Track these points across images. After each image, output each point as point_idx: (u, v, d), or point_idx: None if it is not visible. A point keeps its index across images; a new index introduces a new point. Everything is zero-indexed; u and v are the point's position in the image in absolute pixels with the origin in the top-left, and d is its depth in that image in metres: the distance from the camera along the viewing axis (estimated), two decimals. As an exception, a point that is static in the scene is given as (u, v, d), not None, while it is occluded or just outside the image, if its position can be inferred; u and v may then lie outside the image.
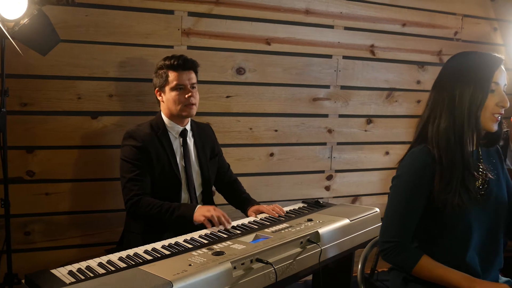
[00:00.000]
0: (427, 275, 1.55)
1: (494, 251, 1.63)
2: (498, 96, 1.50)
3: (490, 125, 1.53)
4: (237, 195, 2.49)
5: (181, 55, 2.26)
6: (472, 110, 1.49)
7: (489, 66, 1.51)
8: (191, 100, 2.23)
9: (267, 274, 1.66)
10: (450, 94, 1.52)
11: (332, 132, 3.22)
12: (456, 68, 1.56)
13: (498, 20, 3.74)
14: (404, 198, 1.57)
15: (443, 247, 1.57)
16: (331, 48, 3.16)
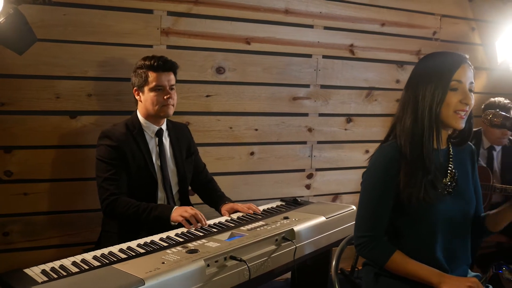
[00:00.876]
0: (399, 269, 1.58)
1: (462, 247, 1.66)
2: (461, 93, 1.53)
3: (454, 122, 1.55)
4: (212, 194, 2.51)
5: (162, 56, 2.27)
6: (433, 107, 1.52)
7: (451, 65, 1.54)
8: (169, 101, 2.25)
9: (241, 271, 1.68)
10: (415, 92, 1.56)
11: (312, 131, 3.25)
12: (422, 68, 1.60)
13: (476, 20, 3.80)
14: (374, 192, 1.60)
15: (411, 243, 1.61)
16: (311, 48, 3.19)
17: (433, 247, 1.60)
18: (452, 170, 1.64)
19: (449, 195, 1.61)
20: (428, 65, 1.58)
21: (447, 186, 1.62)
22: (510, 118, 1.44)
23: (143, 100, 2.26)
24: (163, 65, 2.24)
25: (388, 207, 1.60)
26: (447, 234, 1.61)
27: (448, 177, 1.63)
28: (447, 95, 1.52)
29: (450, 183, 1.62)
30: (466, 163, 1.71)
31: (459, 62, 1.54)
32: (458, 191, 1.63)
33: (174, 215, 2.06)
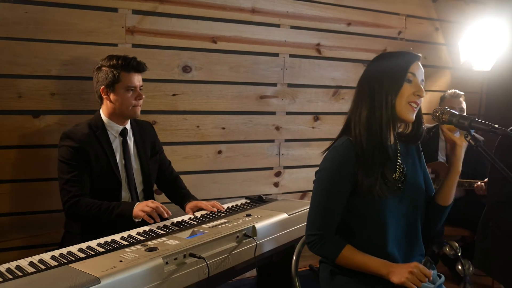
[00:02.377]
0: (349, 263, 1.62)
1: (414, 241, 1.71)
2: (415, 86, 1.58)
3: (406, 114, 1.59)
4: (177, 192, 2.52)
5: (133, 57, 2.27)
6: (389, 98, 1.56)
7: (406, 59, 1.60)
8: (139, 102, 2.27)
9: (200, 268, 1.69)
10: (371, 86, 1.60)
11: (279, 129, 3.28)
12: (378, 64, 1.64)
13: (439, 21, 3.89)
14: (326, 191, 1.63)
15: (363, 239, 1.64)
16: (278, 47, 3.21)
17: (386, 242, 1.63)
18: (401, 165, 1.68)
19: (399, 190, 1.65)
20: (384, 60, 1.63)
21: (397, 181, 1.65)
22: (457, 115, 1.49)
23: (113, 100, 2.25)
24: (137, 66, 2.25)
25: (339, 206, 1.63)
26: (399, 228, 1.65)
27: (397, 172, 1.66)
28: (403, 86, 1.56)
29: (399, 179, 1.66)
30: (414, 156, 1.76)
31: (414, 59, 1.61)
32: (407, 185, 1.67)
33: (135, 211, 2.06)
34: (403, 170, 1.68)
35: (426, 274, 1.51)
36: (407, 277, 1.50)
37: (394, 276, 1.53)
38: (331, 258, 1.65)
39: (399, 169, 1.68)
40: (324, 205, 1.64)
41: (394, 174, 1.66)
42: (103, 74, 2.24)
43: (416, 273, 1.50)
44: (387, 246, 1.63)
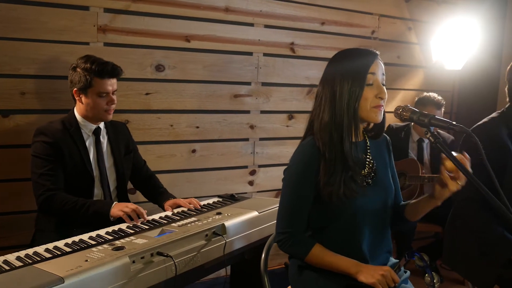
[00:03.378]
0: (319, 262, 1.63)
1: (382, 237, 1.73)
2: (376, 88, 1.58)
3: (372, 117, 1.60)
4: (154, 190, 2.53)
5: (108, 63, 2.25)
6: (351, 103, 1.56)
7: (365, 61, 1.58)
8: (111, 107, 2.27)
9: (168, 267, 1.69)
10: (332, 89, 1.59)
11: (254, 128, 3.29)
12: (337, 65, 1.63)
13: (412, 20, 3.94)
14: (294, 189, 1.64)
15: (333, 236, 1.65)
16: (252, 46, 3.22)
17: (356, 239, 1.65)
18: (371, 161, 1.70)
19: (368, 186, 1.67)
20: (343, 62, 1.62)
21: (366, 177, 1.67)
22: (417, 112, 1.51)
23: (85, 103, 2.25)
24: (110, 72, 2.24)
25: (308, 204, 1.64)
26: (368, 224, 1.67)
27: (367, 168, 1.68)
28: (364, 90, 1.57)
29: (368, 174, 1.68)
30: (383, 154, 1.77)
31: (373, 58, 1.60)
32: (377, 181, 1.69)
33: (114, 210, 2.07)
34: (373, 166, 1.71)
35: (395, 280, 1.54)
36: (378, 279, 1.52)
37: (362, 275, 1.55)
38: (300, 257, 1.66)
39: (369, 165, 1.70)
40: (292, 203, 1.65)
41: (363, 170, 1.68)
42: (77, 76, 2.23)
43: (387, 277, 1.53)
44: (357, 242, 1.65)
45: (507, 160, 2.06)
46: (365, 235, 1.66)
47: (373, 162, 1.71)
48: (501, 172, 2.06)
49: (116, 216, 2.06)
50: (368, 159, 1.70)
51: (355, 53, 1.64)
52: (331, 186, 1.57)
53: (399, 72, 3.95)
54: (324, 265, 1.63)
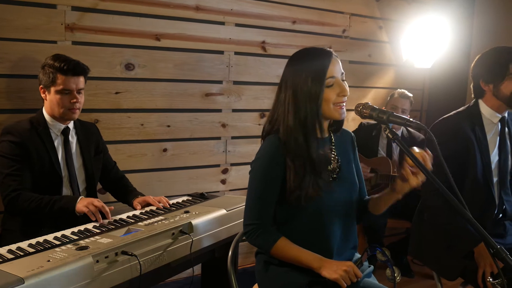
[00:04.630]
0: (283, 255, 1.65)
1: (348, 231, 1.75)
2: (338, 87, 1.60)
3: (336, 115, 1.63)
4: (124, 190, 2.51)
5: (73, 60, 2.23)
6: (313, 106, 1.59)
7: (322, 63, 1.60)
8: (75, 105, 2.23)
9: (133, 266, 1.69)
10: (293, 92, 1.61)
11: (226, 127, 3.29)
12: (295, 67, 1.64)
13: (383, 19, 3.99)
14: (260, 181, 1.66)
15: (299, 230, 1.67)
16: (223, 44, 3.22)
17: (322, 233, 1.67)
18: (336, 157, 1.72)
19: (334, 181, 1.69)
20: (301, 65, 1.62)
21: (332, 172, 1.70)
22: (376, 109, 1.54)
23: (49, 101, 2.23)
24: (73, 69, 2.21)
25: (274, 196, 1.65)
26: (334, 219, 1.69)
27: (332, 163, 1.71)
28: (324, 92, 1.59)
29: (334, 170, 1.71)
30: (348, 149, 1.80)
31: (329, 58, 1.61)
32: (341, 176, 1.72)
33: (79, 206, 2.06)
34: (338, 161, 1.73)
35: (357, 275, 1.56)
36: (341, 274, 1.54)
37: (325, 270, 1.57)
38: (265, 249, 1.68)
39: (334, 160, 1.72)
40: (258, 195, 1.66)
41: (329, 165, 1.70)
42: (43, 73, 2.22)
43: (350, 272, 1.55)
44: (324, 235, 1.67)
45: (470, 153, 2.11)
46: (331, 230, 1.68)
47: (338, 158, 1.73)
48: (465, 164, 2.12)
49: (81, 211, 2.05)
50: (333, 154, 1.72)
51: (311, 55, 1.64)
52: (300, 191, 1.60)
53: (370, 71, 3.99)
54: (288, 259, 1.64)
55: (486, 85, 2.17)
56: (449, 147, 2.08)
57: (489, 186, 2.13)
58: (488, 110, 2.19)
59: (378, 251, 1.57)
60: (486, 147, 2.15)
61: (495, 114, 2.18)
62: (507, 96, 2.11)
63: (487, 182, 2.13)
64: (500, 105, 2.16)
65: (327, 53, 1.63)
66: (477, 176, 2.12)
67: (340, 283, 1.54)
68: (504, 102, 2.14)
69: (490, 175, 2.14)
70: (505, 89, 2.11)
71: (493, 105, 2.17)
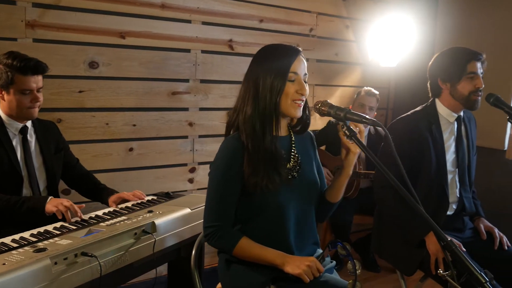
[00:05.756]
0: (246, 255, 1.65)
1: (308, 229, 1.77)
2: (298, 84, 1.62)
3: (292, 111, 1.64)
4: (93, 187, 2.47)
5: (32, 59, 2.16)
6: (272, 97, 1.60)
7: (287, 58, 1.62)
8: (35, 104, 2.19)
9: (94, 267, 1.66)
10: (255, 84, 1.62)
11: (193, 125, 3.27)
12: (261, 61, 1.66)
13: (349, 19, 4.04)
14: (219, 183, 1.66)
15: (259, 229, 1.68)
16: (189, 43, 3.20)
17: (282, 231, 1.68)
18: (296, 155, 1.74)
19: (294, 179, 1.71)
20: (266, 58, 1.64)
21: (291, 170, 1.71)
22: (334, 107, 1.56)
23: (7, 101, 2.17)
24: (34, 69, 2.15)
25: (234, 197, 1.66)
26: (294, 217, 1.70)
27: (292, 162, 1.72)
28: (285, 85, 1.61)
29: (294, 168, 1.72)
30: (308, 148, 1.82)
31: (295, 55, 1.63)
32: (302, 175, 1.73)
33: (49, 206, 2.03)
34: (298, 160, 1.74)
35: (320, 270, 1.59)
36: (303, 269, 1.55)
37: (288, 266, 1.58)
38: (227, 250, 1.68)
39: (294, 159, 1.73)
40: (218, 197, 1.66)
41: (288, 164, 1.71)
42: None
43: (312, 267, 1.57)
44: (283, 234, 1.68)
45: (424, 152, 2.16)
46: (290, 227, 1.70)
47: (298, 156, 1.74)
48: (420, 162, 2.16)
49: (50, 212, 2.02)
50: (293, 153, 1.74)
51: (278, 49, 1.66)
52: (255, 177, 1.60)
53: (337, 69, 4.04)
54: (251, 258, 1.65)
55: (444, 84, 2.21)
56: (405, 145, 2.13)
57: (443, 184, 2.18)
58: (445, 110, 2.24)
59: (339, 245, 1.59)
60: (442, 146, 2.19)
61: (451, 113, 2.23)
62: (464, 96, 2.16)
63: (441, 180, 2.18)
64: (457, 105, 2.21)
65: (294, 50, 1.65)
66: (431, 174, 2.17)
67: (303, 278, 1.55)
68: (461, 102, 2.19)
69: (444, 173, 2.19)
70: (462, 89, 2.16)
71: (449, 104, 2.22)
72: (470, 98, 2.16)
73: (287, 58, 1.62)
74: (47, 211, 2.03)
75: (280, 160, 1.65)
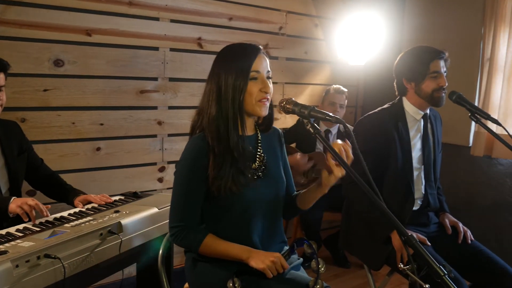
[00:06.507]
0: (212, 252, 1.65)
1: (274, 228, 1.78)
2: (261, 83, 1.62)
3: (257, 111, 1.64)
4: (59, 188, 2.42)
5: None
6: (235, 97, 1.60)
7: (248, 57, 1.61)
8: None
9: (57, 269, 1.63)
10: (218, 84, 1.62)
11: (162, 124, 3.24)
12: (222, 60, 1.66)
13: (318, 17, 4.07)
14: (184, 182, 1.65)
15: (226, 229, 1.68)
16: (158, 40, 3.17)
17: (248, 231, 1.69)
18: (261, 155, 1.74)
19: (259, 179, 1.70)
20: (227, 58, 1.64)
21: (257, 170, 1.71)
22: (299, 105, 1.56)
23: None
24: None
25: (199, 196, 1.65)
26: (260, 217, 1.71)
27: (257, 161, 1.72)
28: (248, 85, 1.60)
29: (259, 167, 1.72)
30: (275, 147, 1.82)
31: (256, 53, 1.63)
32: (267, 174, 1.73)
33: (12, 206, 1.97)
34: (263, 159, 1.74)
35: (284, 266, 1.59)
36: (267, 265, 1.56)
37: (253, 261, 1.58)
38: (193, 248, 1.67)
39: (259, 158, 1.73)
40: (183, 197, 1.66)
41: (254, 163, 1.71)
42: None
43: (276, 263, 1.57)
44: (250, 233, 1.68)
45: (391, 149, 2.19)
46: (256, 227, 1.70)
47: (264, 156, 1.74)
48: (386, 159, 2.20)
49: (14, 212, 1.96)
50: (259, 152, 1.74)
51: (238, 48, 1.66)
52: (220, 180, 1.60)
53: (307, 67, 4.06)
54: (217, 254, 1.65)
55: (408, 83, 2.25)
56: (371, 142, 2.16)
57: (409, 181, 2.22)
58: (411, 107, 2.28)
59: (306, 244, 1.60)
60: (408, 143, 2.23)
61: (418, 111, 2.27)
62: (428, 94, 2.20)
63: (406, 176, 2.22)
64: (423, 103, 2.25)
65: (254, 48, 1.65)
66: (397, 170, 2.21)
67: (266, 273, 1.56)
68: (426, 100, 2.23)
69: (410, 170, 2.23)
70: (426, 87, 2.20)
71: (415, 103, 2.27)
72: (434, 96, 2.20)
73: (248, 57, 1.61)
74: (10, 211, 1.97)
75: (245, 161, 1.65)
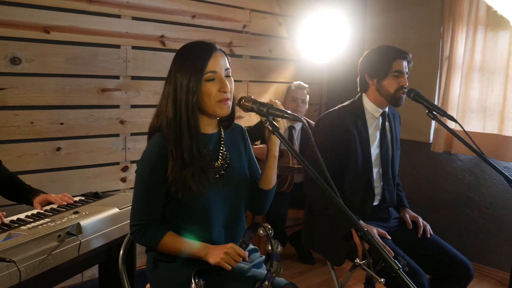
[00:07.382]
0: (171, 249, 1.64)
1: (238, 224, 1.78)
2: (219, 82, 1.60)
3: (218, 111, 1.62)
4: (17, 189, 2.34)
5: None
6: (189, 98, 1.57)
7: (202, 57, 1.59)
8: None
9: (12, 273, 1.58)
10: (174, 85, 1.61)
11: (124, 123, 3.20)
12: (177, 61, 1.64)
13: (282, 16, 4.09)
14: (144, 181, 1.64)
15: (188, 226, 1.67)
16: (119, 38, 3.12)
17: (210, 228, 1.68)
18: (224, 153, 1.73)
19: (222, 177, 1.70)
20: (182, 58, 1.62)
21: (219, 169, 1.70)
22: (257, 102, 1.57)
23: None
24: None
25: (159, 195, 1.64)
26: (222, 215, 1.71)
27: (220, 160, 1.72)
28: (203, 86, 1.58)
29: (222, 166, 1.71)
30: (239, 143, 1.81)
31: (210, 52, 1.60)
32: (230, 171, 1.73)
33: None
34: (226, 158, 1.74)
35: (241, 254, 1.58)
36: (222, 258, 1.55)
37: (211, 257, 1.58)
38: (153, 245, 1.66)
39: (222, 157, 1.73)
40: (143, 195, 1.64)
41: (216, 162, 1.71)
42: None
43: (231, 254, 1.56)
44: (211, 231, 1.68)
45: (350, 145, 2.23)
46: (218, 227, 1.70)
47: (226, 153, 1.74)
48: (346, 156, 2.24)
49: None
50: (222, 150, 1.73)
51: (193, 48, 1.64)
52: (178, 183, 1.59)
53: (271, 66, 4.08)
54: (177, 252, 1.64)
55: (371, 79, 2.30)
56: (331, 140, 2.19)
57: (369, 177, 2.27)
58: (371, 105, 2.32)
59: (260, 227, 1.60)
60: (367, 140, 2.28)
61: (377, 109, 2.32)
62: (389, 92, 2.25)
63: (367, 173, 2.27)
64: (382, 101, 2.30)
65: (208, 47, 1.62)
66: (357, 167, 2.25)
67: (224, 266, 1.55)
68: (386, 98, 2.28)
69: (370, 167, 2.27)
70: (388, 85, 2.25)
71: (375, 100, 2.31)
72: (395, 95, 2.25)
73: (201, 57, 1.59)
74: None
75: (206, 161, 1.64)
